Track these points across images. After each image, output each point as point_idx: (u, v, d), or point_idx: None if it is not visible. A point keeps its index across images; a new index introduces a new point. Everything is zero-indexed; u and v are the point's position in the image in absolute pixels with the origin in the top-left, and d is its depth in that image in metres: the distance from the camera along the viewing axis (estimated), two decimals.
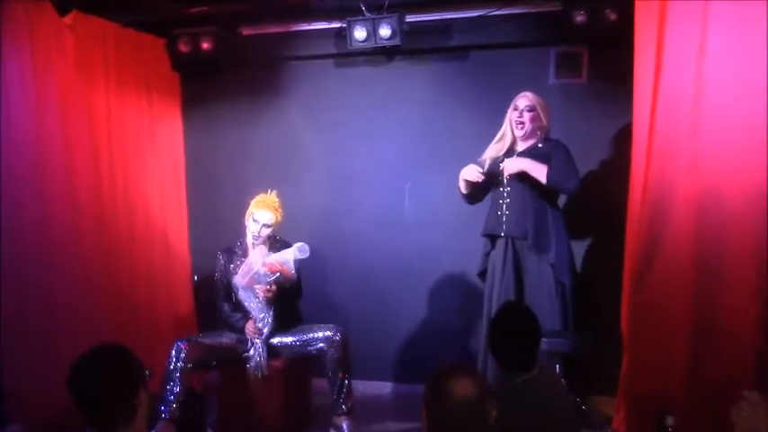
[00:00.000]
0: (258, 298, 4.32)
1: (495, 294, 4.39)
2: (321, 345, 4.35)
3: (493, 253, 4.47)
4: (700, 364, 3.69)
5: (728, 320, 3.60)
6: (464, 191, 4.55)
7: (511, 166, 4.31)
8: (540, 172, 4.21)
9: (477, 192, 4.58)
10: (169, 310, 5.45)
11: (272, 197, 4.50)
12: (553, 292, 4.25)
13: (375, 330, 5.39)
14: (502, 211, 4.39)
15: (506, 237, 4.38)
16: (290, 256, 4.28)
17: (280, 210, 4.49)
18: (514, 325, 3.06)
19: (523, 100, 4.37)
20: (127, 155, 5.16)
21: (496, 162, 4.44)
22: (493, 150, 4.48)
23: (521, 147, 4.43)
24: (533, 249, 4.28)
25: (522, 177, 4.30)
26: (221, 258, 4.55)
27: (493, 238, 4.47)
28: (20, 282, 4.23)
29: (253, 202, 4.50)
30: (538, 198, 4.31)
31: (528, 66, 5.13)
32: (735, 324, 3.58)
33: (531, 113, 4.35)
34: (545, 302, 4.25)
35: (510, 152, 4.43)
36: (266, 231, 4.43)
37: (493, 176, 4.45)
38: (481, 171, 4.39)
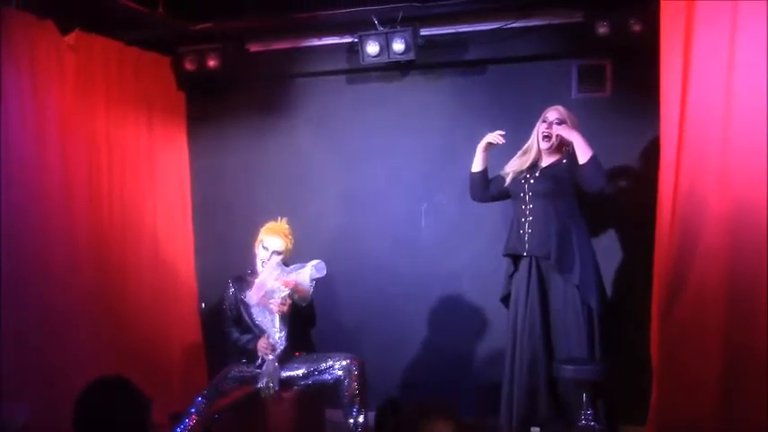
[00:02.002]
0: (273, 314, 4.36)
1: (520, 320, 4.40)
2: (339, 373, 4.35)
3: (516, 275, 4.48)
4: (734, 394, 3.65)
5: (765, 347, 3.55)
6: (475, 168, 4.58)
7: (563, 131, 4.35)
8: (585, 150, 4.23)
9: (488, 183, 4.60)
10: (175, 338, 5.49)
11: (282, 224, 4.59)
12: (579, 315, 4.24)
13: (390, 359, 5.36)
14: (524, 229, 4.40)
15: (530, 256, 4.39)
16: (305, 274, 4.32)
17: (290, 237, 4.57)
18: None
19: (554, 113, 4.43)
20: (129, 178, 5.23)
21: (519, 176, 4.48)
22: (516, 164, 4.52)
23: (545, 162, 4.48)
24: (557, 270, 4.30)
25: (546, 193, 4.35)
26: (232, 287, 4.60)
27: (515, 258, 4.49)
28: (17, 310, 4.26)
29: (262, 230, 4.59)
30: (562, 215, 4.33)
31: (549, 80, 5.17)
32: None
33: (560, 127, 4.39)
34: (571, 327, 4.27)
35: (534, 166, 4.47)
36: (276, 259, 4.48)
37: (515, 191, 4.49)
38: (503, 134, 4.43)
